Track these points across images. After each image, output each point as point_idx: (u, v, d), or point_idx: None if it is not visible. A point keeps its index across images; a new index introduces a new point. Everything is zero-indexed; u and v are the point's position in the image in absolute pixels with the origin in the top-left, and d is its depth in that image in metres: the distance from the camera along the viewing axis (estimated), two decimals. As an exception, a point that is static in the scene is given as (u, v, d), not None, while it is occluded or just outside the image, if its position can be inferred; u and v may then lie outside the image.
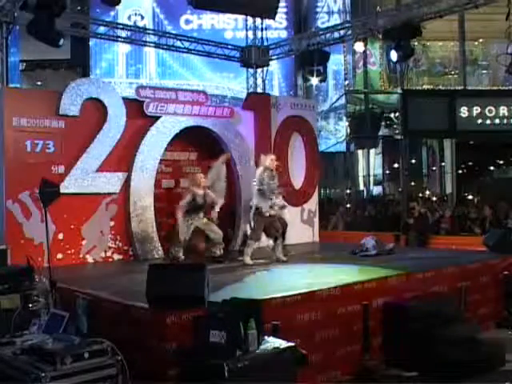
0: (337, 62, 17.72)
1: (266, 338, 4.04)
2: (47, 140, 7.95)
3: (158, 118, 8.96)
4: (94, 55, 17.78)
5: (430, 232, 11.40)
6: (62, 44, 8.86)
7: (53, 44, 8.74)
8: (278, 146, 10.36)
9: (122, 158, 8.64)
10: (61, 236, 7.98)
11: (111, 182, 8.46)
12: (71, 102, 8.20)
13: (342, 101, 18.14)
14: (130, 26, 12.80)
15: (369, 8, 16.83)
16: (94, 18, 13.01)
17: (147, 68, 18.30)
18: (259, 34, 13.01)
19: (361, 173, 19.36)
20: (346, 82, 17.81)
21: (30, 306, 4.96)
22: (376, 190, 20.05)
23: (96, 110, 8.44)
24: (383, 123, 18.53)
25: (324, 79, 12.55)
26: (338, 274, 6.62)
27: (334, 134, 19.10)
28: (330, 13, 18.90)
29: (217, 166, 8.57)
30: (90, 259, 8.26)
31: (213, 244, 7.97)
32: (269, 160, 8.03)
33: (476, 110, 16.14)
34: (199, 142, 9.77)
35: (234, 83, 18.07)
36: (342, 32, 11.79)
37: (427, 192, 19.98)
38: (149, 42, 12.15)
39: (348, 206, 16.61)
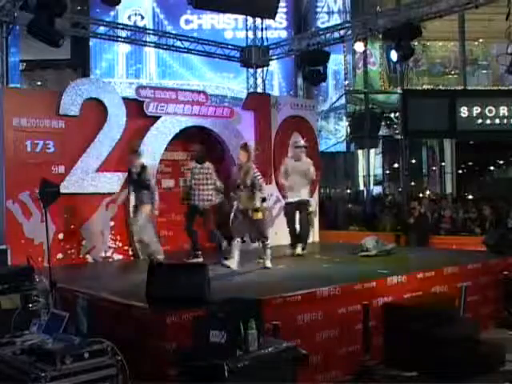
0: (337, 62, 17.72)
1: (266, 338, 4.05)
2: (47, 140, 7.95)
3: (158, 117, 8.96)
4: (94, 55, 17.78)
5: (429, 232, 11.40)
6: (61, 44, 8.85)
7: (53, 44, 8.73)
8: (278, 146, 10.36)
9: (122, 158, 8.62)
10: (61, 236, 7.99)
11: (111, 182, 8.45)
12: (71, 102, 8.20)
13: (342, 101, 18.16)
14: (130, 26, 12.81)
15: (369, 8, 16.84)
16: (94, 18, 13.03)
17: (147, 68, 18.30)
18: (259, 33, 13.01)
19: (361, 173, 19.36)
20: (346, 82, 17.81)
21: (30, 306, 4.96)
22: (376, 189, 20.05)
23: (96, 110, 8.44)
24: (383, 123, 18.54)
25: (324, 79, 12.53)
26: (339, 274, 6.62)
27: (334, 134, 19.11)
28: (330, 13, 18.89)
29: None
30: (89, 259, 8.26)
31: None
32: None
33: (476, 110, 16.15)
34: (199, 142, 9.76)
35: (234, 83, 18.08)
36: (341, 32, 11.79)
37: (427, 192, 20.01)
38: (149, 42, 12.15)
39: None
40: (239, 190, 7.22)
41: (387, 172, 20.80)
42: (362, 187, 19.34)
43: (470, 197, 18.37)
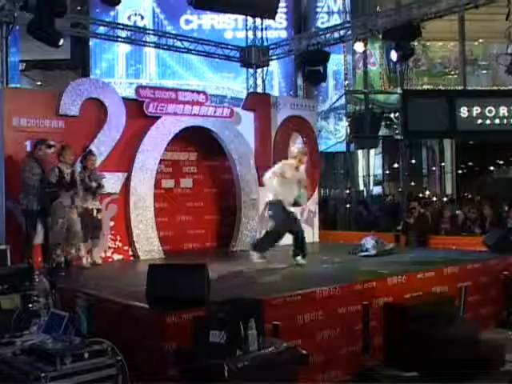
0: (337, 62, 17.68)
1: (265, 338, 4.04)
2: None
3: (158, 117, 8.96)
4: (93, 55, 17.73)
5: (429, 232, 11.39)
6: (62, 44, 8.86)
7: (53, 44, 8.73)
8: (278, 146, 10.36)
9: (122, 158, 8.64)
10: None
11: (111, 182, 8.44)
12: (71, 102, 8.20)
13: (342, 101, 18.12)
14: (130, 26, 12.79)
15: (369, 8, 16.82)
16: (93, 18, 13.01)
17: (147, 68, 18.26)
18: (259, 34, 13.01)
19: (361, 173, 19.34)
20: (346, 82, 17.78)
21: (30, 306, 4.95)
22: (376, 189, 20.04)
23: (96, 110, 8.45)
24: (383, 123, 18.52)
25: (324, 79, 12.53)
26: (338, 274, 6.62)
27: (334, 134, 19.07)
28: (330, 13, 18.85)
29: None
30: (89, 259, 8.23)
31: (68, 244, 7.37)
32: None
33: (476, 110, 16.16)
34: (199, 142, 9.79)
35: (233, 83, 18.04)
36: (342, 32, 11.78)
37: (427, 192, 20.01)
38: (149, 42, 12.14)
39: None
40: None
41: (387, 172, 20.78)
42: (361, 187, 19.32)
43: (470, 197, 18.38)
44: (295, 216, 7.69)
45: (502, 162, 23.63)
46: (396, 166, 19.08)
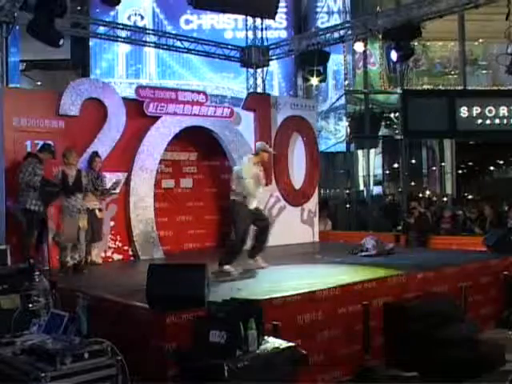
0: (337, 62, 17.69)
1: (265, 338, 4.04)
2: (47, 140, 7.93)
3: (158, 117, 8.96)
4: (93, 55, 17.73)
5: (430, 232, 11.40)
6: (61, 44, 8.85)
7: (53, 44, 8.73)
8: (278, 146, 10.36)
9: (122, 158, 8.64)
10: (61, 236, 7.97)
11: (111, 182, 8.44)
12: (71, 102, 8.21)
13: (342, 101, 18.11)
14: (130, 26, 12.79)
15: (369, 8, 16.82)
16: (93, 18, 13.02)
17: (147, 68, 18.26)
18: (259, 33, 13.02)
19: (361, 173, 19.33)
20: (346, 82, 17.78)
21: (30, 306, 4.95)
22: (376, 189, 20.03)
23: (96, 110, 8.45)
24: (383, 123, 18.52)
25: (324, 79, 12.55)
26: (338, 274, 6.63)
27: (334, 134, 19.07)
28: (329, 13, 18.84)
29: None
30: (90, 259, 8.24)
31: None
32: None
33: (476, 110, 16.16)
34: (199, 142, 9.79)
35: (233, 83, 18.05)
36: (342, 32, 11.79)
37: (427, 192, 20.00)
38: (149, 42, 12.14)
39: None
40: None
41: (387, 172, 20.78)
42: (362, 187, 19.32)
43: (470, 197, 18.39)
44: (260, 212, 7.38)
45: (502, 162, 23.64)
46: (396, 165, 19.08)
